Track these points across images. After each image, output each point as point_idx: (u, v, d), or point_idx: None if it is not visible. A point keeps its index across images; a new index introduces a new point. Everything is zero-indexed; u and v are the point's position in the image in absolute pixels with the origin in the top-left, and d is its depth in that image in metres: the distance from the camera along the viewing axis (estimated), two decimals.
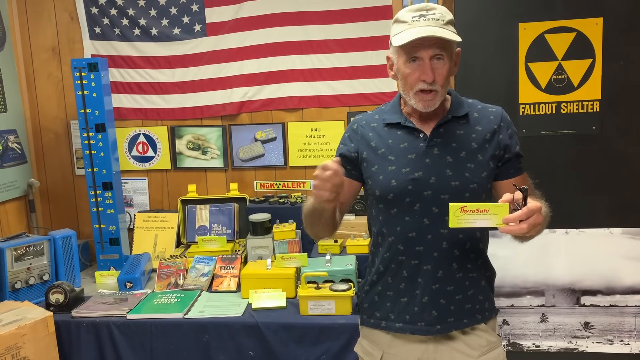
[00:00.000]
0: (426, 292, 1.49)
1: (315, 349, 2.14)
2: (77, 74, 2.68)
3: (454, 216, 1.30)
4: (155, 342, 2.23)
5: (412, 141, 1.50)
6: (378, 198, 1.53)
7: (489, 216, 1.29)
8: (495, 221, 1.29)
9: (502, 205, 1.28)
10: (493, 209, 1.28)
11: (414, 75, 1.43)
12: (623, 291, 2.47)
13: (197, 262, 2.61)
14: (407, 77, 1.45)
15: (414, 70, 1.43)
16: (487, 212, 1.29)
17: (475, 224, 1.30)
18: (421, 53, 1.41)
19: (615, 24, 2.31)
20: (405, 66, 1.44)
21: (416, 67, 1.43)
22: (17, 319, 2.15)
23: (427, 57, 1.41)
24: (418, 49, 1.41)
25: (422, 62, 1.42)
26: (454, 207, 1.30)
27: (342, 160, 1.57)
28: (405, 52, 1.43)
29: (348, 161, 1.59)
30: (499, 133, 1.51)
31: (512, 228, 1.27)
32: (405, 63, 1.44)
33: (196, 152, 3.10)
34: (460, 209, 1.29)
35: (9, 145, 2.95)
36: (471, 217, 1.29)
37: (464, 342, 1.52)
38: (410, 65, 1.43)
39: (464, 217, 1.29)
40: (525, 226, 1.26)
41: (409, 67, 1.44)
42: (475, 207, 1.29)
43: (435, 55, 1.41)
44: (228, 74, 2.99)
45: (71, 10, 3.06)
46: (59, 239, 2.61)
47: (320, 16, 2.88)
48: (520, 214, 1.25)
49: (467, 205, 1.29)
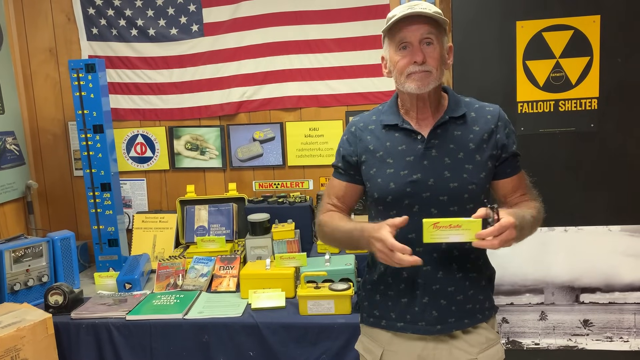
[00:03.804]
0: (426, 292, 1.50)
1: (315, 348, 2.14)
2: (75, 75, 2.68)
3: (427, 232, 1.33)
4: (155, 342, 2.23)
5: (409, 143, 1.50)
6: (377, 200, 1.54)
7: (461, 231, 1.32)
8: (468, 236, 1.32)
9: (474, 220, 1.31)
10: (466, 225, 1.31)
11: (404, 60, 1.45)
12: (622, 288, 2.47)
13: (196, 263, 2.61)
14: (398, 63, 1.46)
15: (404, 56, 1.45)
16: (459, 227, 1.32)
17: (449, 239, 1.33)
18: (409, 37, 1.43)
19: (612, 21, 2.31)
20: (396, 54, 1.46)
21: (407, 53, 1.45)
22: (16, 321, 2.15)
23: (416, 41, 1.43)
24: (405, 33, 1.43)
25: (412, 47, 1.44)
26: (427, 223, 1.32)
27: (345, 166, 1.60)
28: (395, 39, 1.45)
29: (349, 166, 1.60)
30: (496, 133, 1.51)
31: (484, 243, 1.31)
32: (396, 51, 1.46)
33: (194, 153, 3.10)
34: (433, 225, 1.32)
35: (6, 147, 2.94)
36: (444, 232, 1.32)
37: (463, 340, 1.52)
38: (401, 52, 1.45)
39: (437, 233, 1.32)
40: (496, 242, 1.29)
41: (399, 54, 1.46)
42: (448, 222, 1.32)
43: (424, 39, 1.43)
44: (226, 74, 2.99)
45: (68, 11, 3.05)
46: (58, 241, 2.60)
47: (317, 15, 2.87)
48: (492, 230, 1.29)
49: (440, 221, 1.32)
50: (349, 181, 1.62)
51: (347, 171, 1.61)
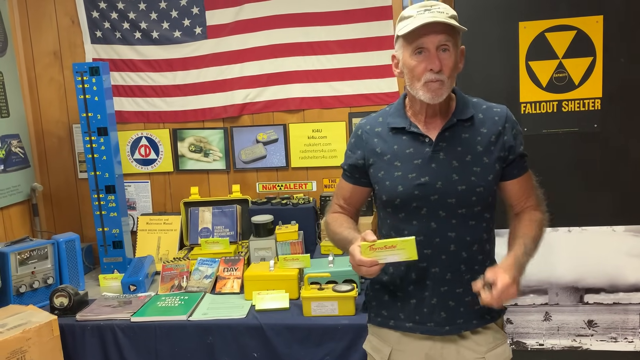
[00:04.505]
0: (435, 294, 1.50)
1: (319, 349, 2.14)
2: (79, 78, 2.69)
3: (365, 254, 1.36)
4: (160, 344, 2.23)
5: (417, 146, 1.50)
6: (385, 203, 1.54)
7: (397, 251, 1.36)
8: (404, 255, 1.36)
9: (408, 239, 1.35)
10: (400, 244, 1.36)
11: (420, 66, 1.43)
12: (626, 289, 2.46)
13: (200, 264, 2.62)
14: (414, 69, 1.44)
15: (420, 61, 1.42)
16: (394, 247, 1.35)
17: (386, 259, 1.36)
18: (427, 43, 1.41)
19: (615, 21, 2.30)
20: (411, 58, 1.44)
21: (423, 58, 1.42)
22: (22, 323, 2.16)
23: (433, 47, 1.41)
24: (424, 39, 1.41)
25: (428, 53, 1.42)
26: (364, 245, 1.36)
27: (351, 169, 1.62)
28: (411, 43, 1.43)
29: (356, 169, 1.61)
30: (503, 134, 1.50)
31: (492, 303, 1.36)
32: (412, 55, 1.44)
33: (198, 155, 3.11)
34: (369, 247, 1.36)
35: (12, 149, 2.96)
36: (381, 253, 1.36)
37: (471, 339, 1.53)
38: (417, 57, 1.43)
39: (374, 254, 1.36)
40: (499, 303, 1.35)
41: (415, 59, 1.43)
42: (383, 244, 1.36)
43: (441, 46, 1.41)
44: (229, 76, 3.00)
45: (72, 14, 3.07)
46: (63, 243, 2.62)
47: (320, 17, 2.88)
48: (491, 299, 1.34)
49: (375, 243, 1.36)
50: (355, 184, 1.63)
51: (353, 174, 1.63)
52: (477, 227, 1.50)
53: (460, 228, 1.48)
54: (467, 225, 1.48)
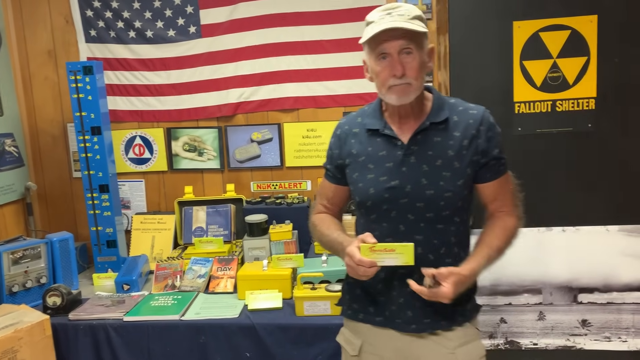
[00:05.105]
0: (401, 294, 1.51)
1: (311, 349, 2.14)
2: (72, 77, 2.68)
3: (365, 254, 1.39)
4: (152, 344, 2.23)
5: (390, 149, 1.51)
6: (359, 204, 1.57)
7: (396, 255, 1.38)
8: (402, 260, 1.39)
9: (406, 245, 1.38)
10: (399, 249, 1.38)
11: (384, 72, 1.44)
12: (620, 288, 2.46)
13: (194, 264, 2.61)
14: (379, 75, 1.46)
15: (384, 67, 1.44)
16: (393, 251, 1.38)
17: (384, 262, 1.39)
18: (388, 48, 1.42)
19: (609, 21, 2.31)
20: (376, 64, 1.46)
21: (386, 64, 1.43)
22: (14, 323, 2.15)
23: (394, 52, 1.42)
24: (385, 45, 1.42)
25: (391, 58, 1.43)
26: (365, 247, 1.39)
27: (332, 169, 1.64)
28: (374, 49, 1.44)
29: (336, 168, 1.63)
30: (477, 138, 1.49)
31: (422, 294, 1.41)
32: (376, 61, 1.45)
33: (192, 154, 3.10)
34: (369, 249, 1.39)
35: (5, 148, 2.95)
36: (380, 255, 1.39)
37: (442, 335, 1.53)
38: (381, 62, 1.44)
39: (374, 256, 1.39)
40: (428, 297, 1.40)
41: (379, 65, 1.45)
42: (383, 247, 1.39)
43: (403, 50, 1.42)
44: (223, 75, 2.99)
45: (66, 13, 3.06)
46: (57, 242, 2.61)
47: (314, 16, 2.87)
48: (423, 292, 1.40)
49: (376, 245, 1.39)
50: (337, 183, 1.65)
51: (335, 174, 1.64)
52: (445, 231, 1.49)
53: (427, 231, 1.48)
54: (434, 228, 1.48)
